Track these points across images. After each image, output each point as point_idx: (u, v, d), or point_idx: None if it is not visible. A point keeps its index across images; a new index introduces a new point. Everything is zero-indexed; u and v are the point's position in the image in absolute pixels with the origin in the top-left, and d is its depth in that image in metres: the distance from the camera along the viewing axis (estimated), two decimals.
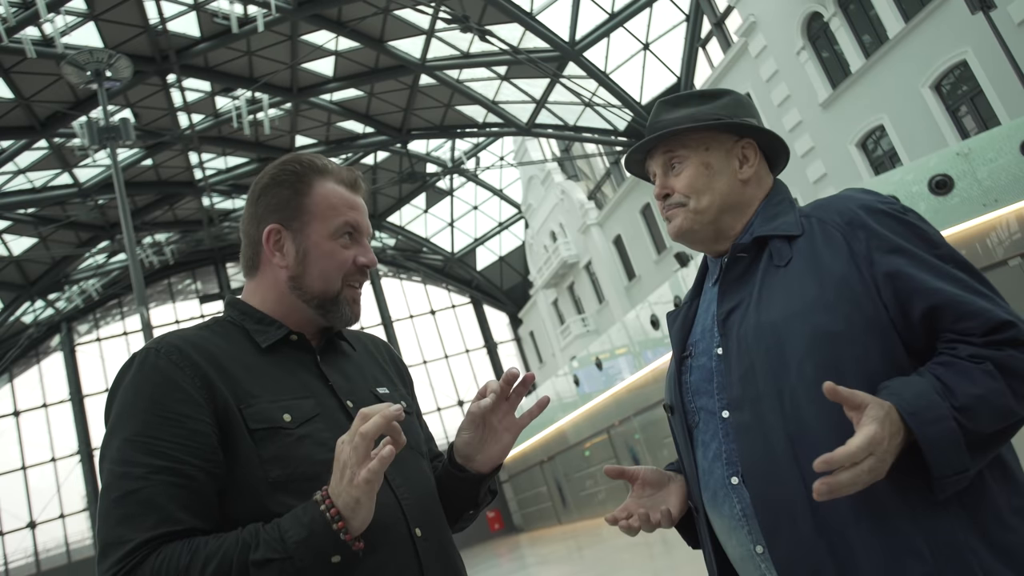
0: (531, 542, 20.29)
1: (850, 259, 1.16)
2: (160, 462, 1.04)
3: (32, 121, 18.76)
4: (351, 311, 1.31)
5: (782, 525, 1.12)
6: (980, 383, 1.04)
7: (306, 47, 19.80)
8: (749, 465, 1.16)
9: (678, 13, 19.72)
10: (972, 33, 12.11)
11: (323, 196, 1.28)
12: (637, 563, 9.19)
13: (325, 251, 1.27)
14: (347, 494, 1.02)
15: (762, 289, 1.22)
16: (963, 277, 1.13)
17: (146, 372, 1.11)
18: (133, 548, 0.99)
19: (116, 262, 27.44)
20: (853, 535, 1.07)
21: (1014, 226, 10.37)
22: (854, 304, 1.13)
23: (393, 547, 1.14)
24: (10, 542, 25.96)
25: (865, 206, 1.20)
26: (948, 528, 1.06)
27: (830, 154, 16.06)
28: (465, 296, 34.66)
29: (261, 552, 0.99)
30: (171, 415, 1.07)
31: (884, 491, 1.06)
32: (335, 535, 1.02)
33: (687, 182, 1.33)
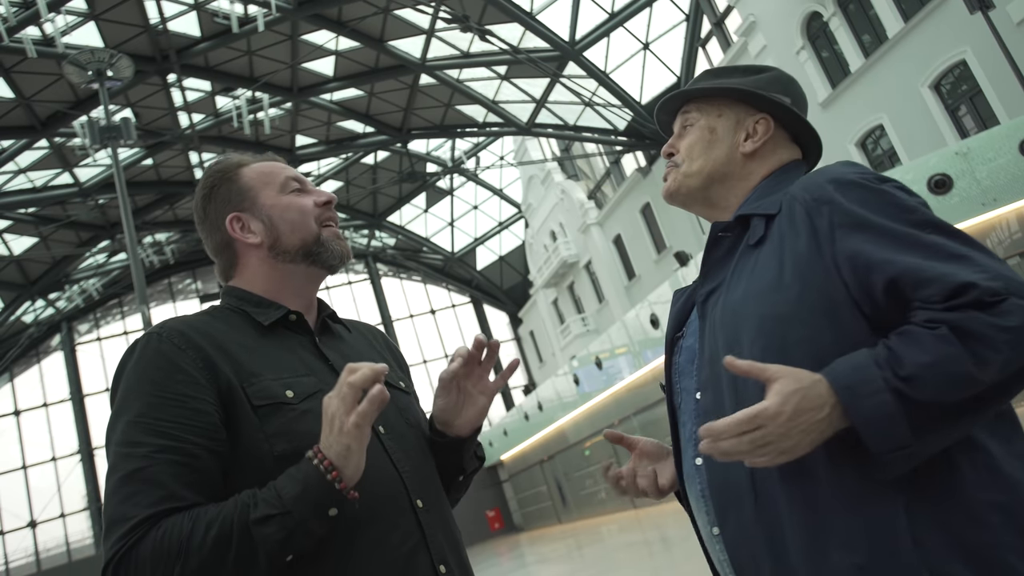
0: (531, 541, 20.31)
1: (812, 237, 1.09)
2: (163, 442, 1.06)
3: (33, 121, 18.78)
4: (339, 246, 1.35)
5: (730, 509, 1.10)
6: (931, 350, 0.94)
7: (306, 47, 19.83)
8: None
9: (678, 13, 19.75)
10: (971, 33, 12.14)
11: (254, 171, 1.36)
12: (636, 562, 9.22)
13: (284, 205, 1.33)
14: (338, 443, 1.05)
15: (735, 270, 1.19)
16: (936, 241, 1.02)
17: (149, 355, 1.14)
18: (136, 523, 1.01)
19: (116, 261, 27.47)
20: (786, 522, 1.03)
21: (1013, 225, 10.39)
22: (809, 284, 1.07)
23: (396, 517, 1.17)
24: (11, 541, 25.99)
25: (836, 179, 1.12)
26: (889, 518, 0.97)
27: (830, 153, 15.90)
28: (465, 296, 34.69)
29: (260, 510, 1.01)
30: (174, 396, 1.10)
31: (819, 476, 1.01)
32: (329, 485, 1.04)
33: (688, 144, 1.33)
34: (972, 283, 0.95)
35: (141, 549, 1.00)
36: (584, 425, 19.01)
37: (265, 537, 1.01)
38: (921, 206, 1.08)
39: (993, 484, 0.98)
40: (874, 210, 1.07)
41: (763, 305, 1.09)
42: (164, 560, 0.99)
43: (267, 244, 1.31)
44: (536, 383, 31.05)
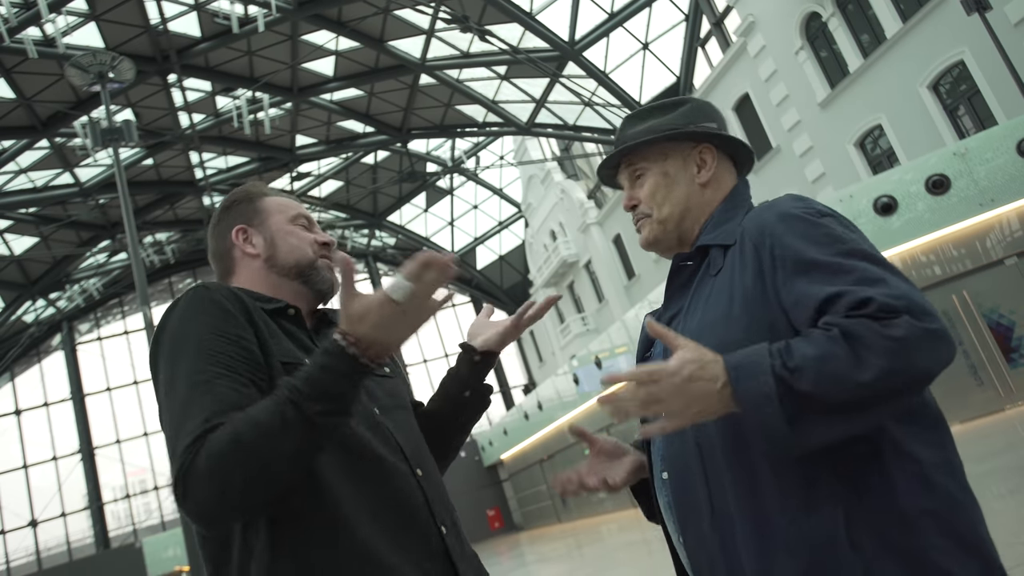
0: (531, 540, 20.36)
1: (757, 271, 1.17)
2: (223, 371, 1.16)
3: (33, 121, 18.82)
4: (331, 275, 1.45)
5: (689, 520, 1.19)
6: (819, 346, 1.01)
7: (306, 47, 19.86)
8: (670, 464, 1.24)
9: (677, 13, 19.78)
10: (969, 33, 12.17)
11: (274, 201, 1.50)
12: (635, 561, 9.26)
13: (288, 231, 1.45)
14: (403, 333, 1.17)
15: (693, 298, 1.27)
16: (860, 266, 1.09)
17: (201, 302, 1.24)
18: (197, 436, 1.08)
19: (117, 261, 27.51)
20: (738, 531, 1.11)
21: (1011, 225, 10.43)
22: (755, 317, 1.14)
23: (402, 481, 1.27)
24: (12, 540, 26.05)
25: (781, 213, 1.19)
26: (829, 526, 1.05)
27: (828, 153, 16.12)
28: (465, 295, 34.72)
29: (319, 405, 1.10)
30: (229, 335, 1.21)
31: (764, 488, 1.09)
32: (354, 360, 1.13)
33: (649, 193, 1.38)
34: (872, 298, 1.03)
35: (197, 461, 1.07)
36: (584, 424, 18.55)
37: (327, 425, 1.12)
38: (853, 238, 1.15)
39: (923, 492, 1.06)
40: (810, 241, 1.14)
41: (716, 335, 1.15)
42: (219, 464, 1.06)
43: (263, 256, 1.42)
44: (536, 382, 31.09)
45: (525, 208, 30.70)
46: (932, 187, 10.61)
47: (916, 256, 10.76)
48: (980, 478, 6.25)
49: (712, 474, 1.16)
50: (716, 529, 1.14)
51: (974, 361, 10.11)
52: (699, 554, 1.18)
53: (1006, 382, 9.94)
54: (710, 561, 1.16)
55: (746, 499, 1.11)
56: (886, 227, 10.76)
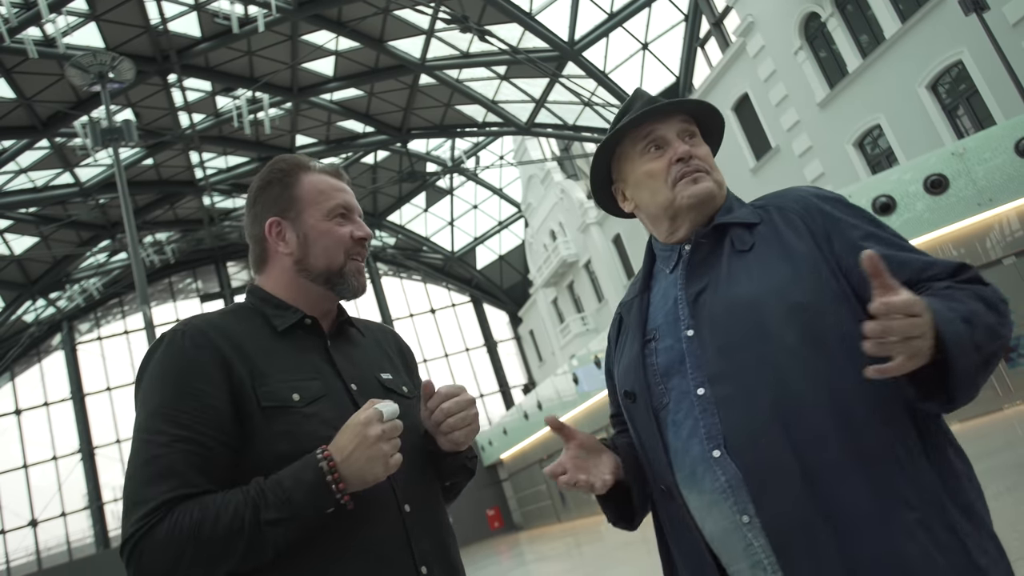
0: (530, 540, 20.38)
1: (811, 240, 1.26)
2: (182, 432, 1.17)
3: (34, 121, 18.84)
4: (357, 282, 1.43)
5: (770, 490, 1.16)
6: (968, 302, 1.11)
7: (306, 47, 19.88)
8: (733, 436, 1.20)
9: (677, 13, 19.80)
10: (968, 33, 12.19)
11: (311, 185, 1.41)
12: (634, 560, 9.27)
13: (323, 231, 1.39)
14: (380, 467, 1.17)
15: (730, 271, 1.29)
16: (910, 247, 1.25)
17: (173, 352, 1.24)
18: (155, 507, 1.12)
19: (117, 261, 27.53)
20: (843, 489, 1.12)
21: (1010, 225, 10.45)
22: (820, 278, 1.22)
23: (382, 520, 1.24)
24: (12, 540, 26.06)
25: (817, 195, 1.33)
26: (930, 480, 1.13)
27: (828, 153, 16.14)
28: (465, 295, 34.74)
29: (272, 512, 1.12)
30: (193, 391, 1.20)
31: (872, 444, 1.13)
32: (329, 488, 1.15)
33: (706, 155, 1.42)
34: (967, 265, 1.17)
35: (157, 532, 1.11)
36: (583, 424, 19.07)
37: (275, 536, 1.13)
38: (880, 221, 1.31)
39: (959, 457, 1.21)
40: (858, 218, 1.29)
41: (787, 297, 1.22)
42: (176, 543, 1.10)
43: (296, 257, 1.38)
44: (536, 382, 31.11)
45: (525, 208, 30.72)
46: (930, 187, 10.63)
47: None
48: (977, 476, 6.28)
49: (798, 433, 1.15)
50: (814, 492, 1.13)
51: None
52: (789, 524, 1.14)
53: (1004, 382, 9.96)
54: (806, 528, 1.13)
55: (855, 457, 1.14)
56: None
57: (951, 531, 1.10)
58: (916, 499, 1.11)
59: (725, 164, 19.72)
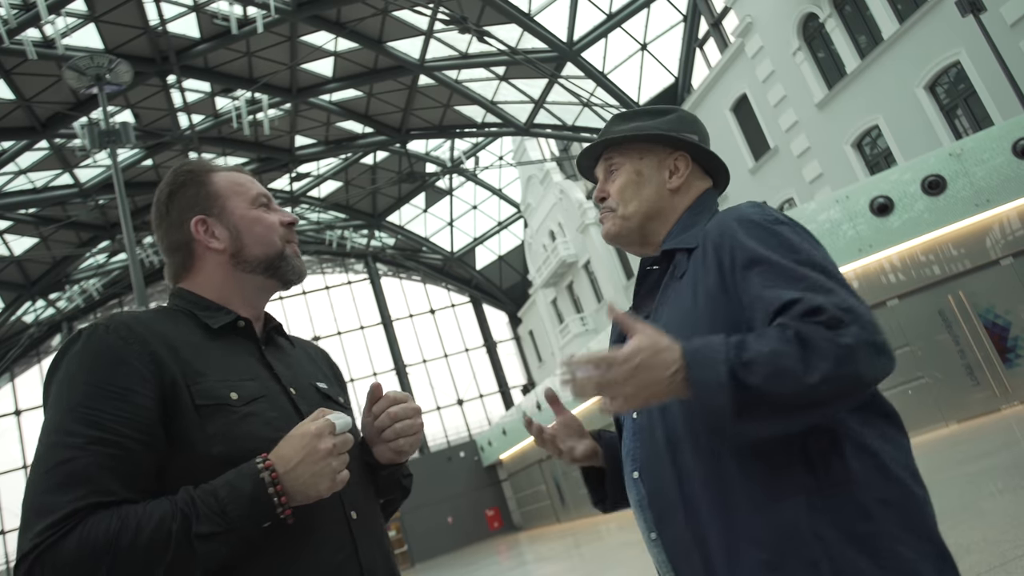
0: (530, 540, 20.38)
1: (718, 272, 1.23)
2: (98, 433, 1.05)
3: (33, 122, 18.85)
4: (299, 263, 1.38)
5: (665, 516, 1.23)
6: (771, 342, 1.06)
7: (305, 48, 19.90)
8: (643, 462, 1.28)
9: (675, 14, 19.82)
10: (965, 34, 12.20)
11: (225, 179, 1.38)
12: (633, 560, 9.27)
13: (252, 219, 1.34)
14: (326, 482, 1.10)
15: (660, 301, 1.33)
16: (811, 276, 1.15)
17: (92, 346, 1.13)
18: (62, 517, 0.98)
19: (116, 262, 27.54)
20: (708, 523, 1.16)
21: (1007, 226, 10.46)
22: (720, 314, 1.20)
23: (330, 527, 1.19)
24: (12, 540, 26.08)
25: (740, 218, 1.25)
26: (791, 516, 1.10)
27: (826, 154, 16.15)
28: (464, 295, 34.75)
29: (204, 525, 1.01)
30: (115, 389, 1.08)
31: (731, 481, 1.15)
32: (270, 501, 1.06)
33: (619, 187, 1.43)
34: (823, 307, 1.08)
35: (64, 545, 0.97)
36: (584, 423, 19.06)
37: (208, 552, 1.01)
38: (806, 248, 1.20)
39: (881, 483, 1.12)
40: (766, 246, 1.20)
41: (682, 334, 1.17)
42: (89, 558, 0.97)
43: (230, 251, 1.32)
44: (535, 382, 31.13)
45: (524, 208, 30.73)
46: (928, 187, 10.65)
47: (913, 256, 10.79)
48: (974, 477, 6.28)
49: (683, 470, 1.20)
50: (689, 524, 1.18)
51: (970, 361, 10.14)
52: (676, 549, 1.22)
53: (1002, 382, 9.97)
54: (686, 555, 1.20)
55: (714, 493, 1.16)
56: (884, 227, 10.80)
57: (811, 569, 1.08)
58: (769, 540, 1.10)
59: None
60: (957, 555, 1.17)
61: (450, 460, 28.82)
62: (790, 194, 17.51)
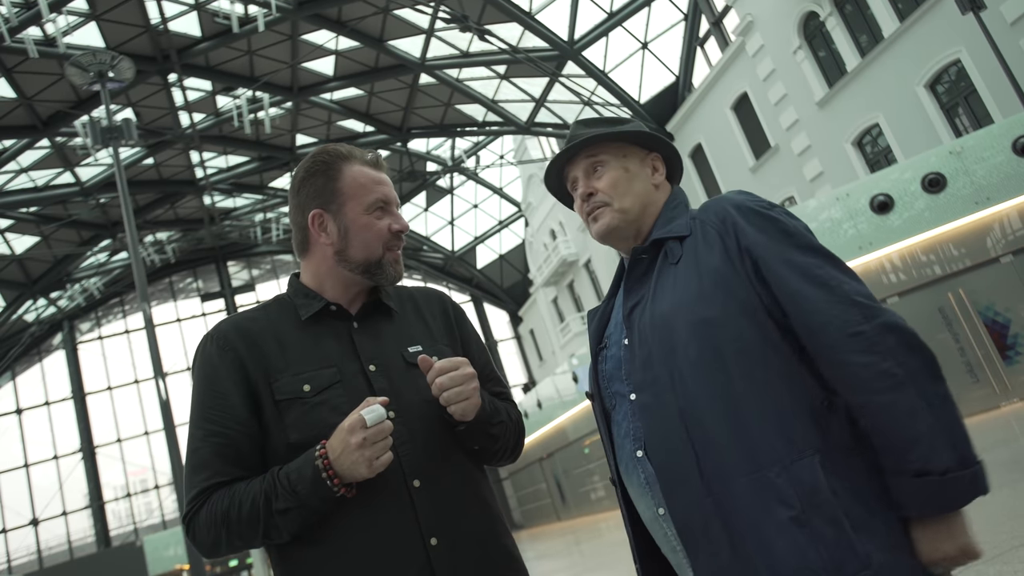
0: (530, 538, 20.41)
1: (724, 254, 1.32)
2: (212, 427, 1.36)
3: (34, 120, 18.87)
4: (394, 270, 1.50)
5: (677, 489, 1.28)
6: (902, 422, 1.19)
7: (306, 46, 19.90)
8: (649, 439, 1.32)
9: (676, 12, 19.83)
10: (966, 33, 12.21)
11: (353, 178, 1.48)
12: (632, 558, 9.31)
13: (362, 225, 1.46)
14: (364, 469, 1.27)
15: (657, 285, 1.38)
16: (812, 264, 1.27)
17: (204, 357, 1.43)
18: (197, 493, 1.33)
19: (117, 260, 27.57)
20: (732, 490, 1.22)
21: (1007, 224, 10.47)
22: (728, 293, 1.29)
23: (388, 498, 1.33)
24: (13, 539, 26.12)
25: (736, 205, 1.36)
26: (811, 475, 1.19)
27: (826, 152, 16.16)
28: (465, 294, 34.77)
29: (281, 502, 1.28)
30: (218, 391, 1.38)
31: (758, 444, 1.22)
32: (331, 489, 1.28)
33: (610, 183, 1.48)
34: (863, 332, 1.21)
35: (200, 515, 1.32)
36: (583, 423, 19.10)
37: (286, 522, 1.29)
38: (801, 231, 1.33)
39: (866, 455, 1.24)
40: (767, 232, 1.32)
41: (692, 312, 1.30)
42: (213, 526, 1.31)
43: (336, 248, 1.46)
44: (536, 381, 31.14)
45: (525, 207, 30.74)
46: (928, 186, 10.66)
47: (913, 254, 10.81)
48: None
49: (699, 441, 1.26)
50: (709, 492, 1.24)
51: (970, 359, 10.15)
52: (691, 520, 1.26)
53: (1002, 379, 9.98)
54: (704, 524, 1.25)
55: (740, 458, 1.23)
56: (884, 225, 10.81)
57: (834, 522, 1.17)
58: (795, 497, 1.18)
59: (724, 164, 19.76)
60: None
61: None
62: (791, 192, 17.52)
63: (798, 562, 1.17)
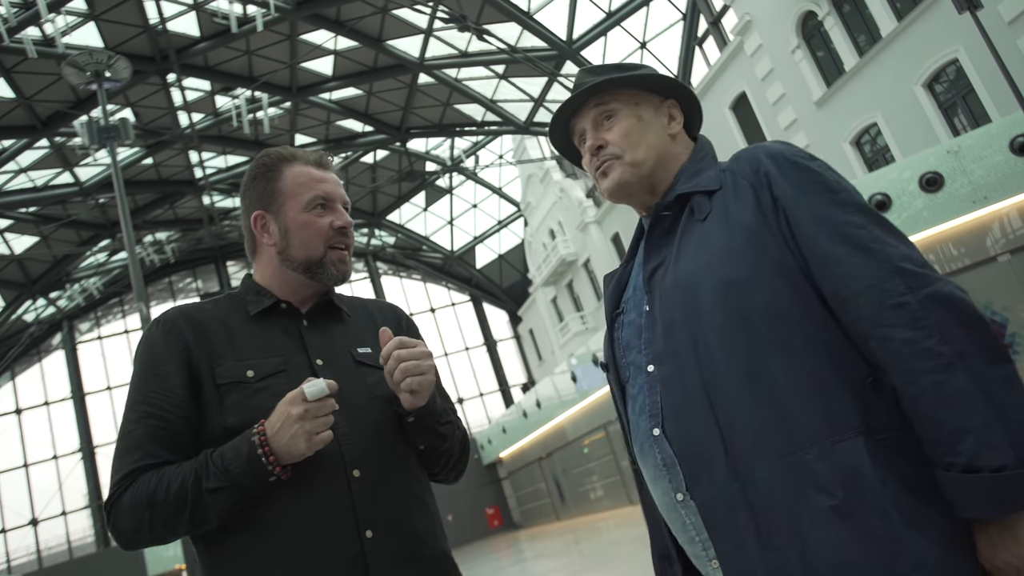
0: (529, 538, 20.41)
1: (757, 208, 1.18)
2: (149, 409, 1.33)
3: (33, 120, 18.88)
4: (338, 270, 1.47)
5: (701, 471, 1.14)
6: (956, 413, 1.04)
7: (305, 46, 19.91)
8: (670, 416, 1.19)
9: (675, 12, 19.83)
10: (963, 32, 12.21)
11: (292, 178, 1.47)
12: (631, 556, 9.31)
13: (301, 223, 1.45)
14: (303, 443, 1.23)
15: (681, 244, 1.25)
16: (852, 223, 1.14)
17: (148, 340, 1.41)
18: (124, 475, 1.28)
19: (117, 260, 27.57)
20: (763, 474, 1.09)
21: (1005, 223, 10.48)
22: (761, 251, 1.15)
23: (325, 484, 1.29)
24: (12, 539, 26.12)
25: (772, 154, 1.22)
26: (854, 461, 1.05)
27: (825, 152, 16.16)
28: (465, 294, 34.77)
29: (212, 482, 1.23)
30: (159, 373, 1.35)
31: (793, 427, 1.09)
32: (265, 467, 1.24)
33: (622, 134, 1.34)
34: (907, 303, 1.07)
35: (124, 498, 1.27)
36: (582, 423, 19.11)
37: (216, 503, 1.24)
38: (843, 186, 1.19)
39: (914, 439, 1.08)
40: (805, 187, 1.17)
41: (719, 273, 1.16)
42: (137, 509, 1.25)
43: (278, 248, 1.47)
44: (535, 381, 31.15)
45: (524, 207, 30.74)
46: (925, 185, 10.67)
47: None
48: None
49: (724, 418, 1.13)
50: (736, 476, 1.11)
51: None
52: (714, 504, 1.14)
53: None
54: (728, 507, 1.12)
55: (775, 438, 1.09)
56: None
57: (882, 515, 1.03)
58: (837, 484, 1.05)
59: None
60: None
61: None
62: None
63: (838, 557, 1.03)
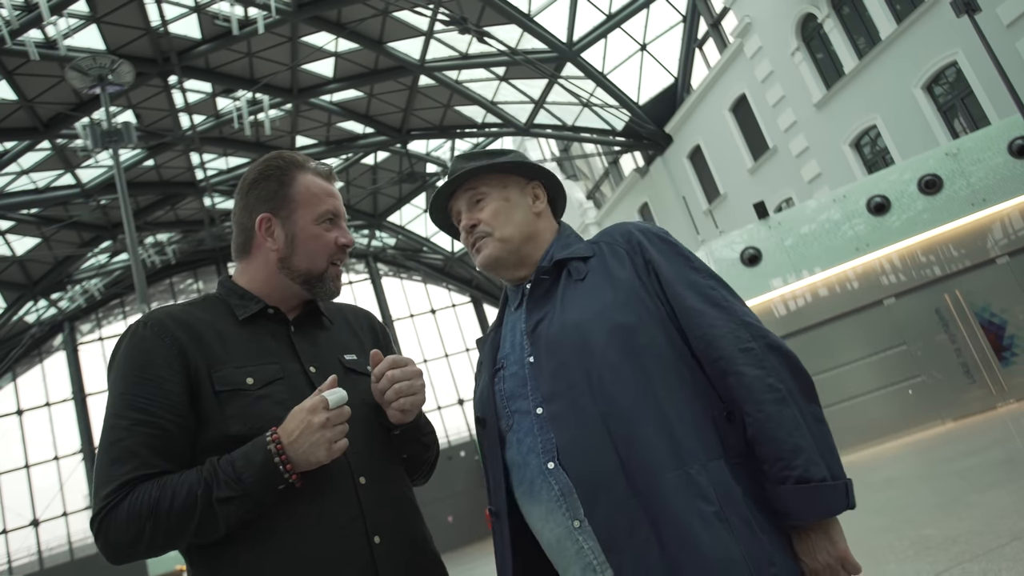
0: None
1: (633, 269, 1.41)
2: (141, 416, 1.26)
3: (35, 122, 18.91)
4: (334, 286, 1.49)
5: (599, 494, 1.27)
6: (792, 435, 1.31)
7: (306, 48, 19.94)
8: (565, 448, 1.32)
9: (675, 14, 19.86)
10: (962, 35, 12.25)
11: (305, 187, 1.47)
12: None
13: (312, 234, 1.45)
14: (323, 451, 1.24)
15: (564, 300, 1.43)
16: (707, 286, 1.39)
17: (135, 342, 1.33)
18: (117, 487, 1.22)
19: (118, 262, 27.60)
20: (659, 488, 1.24)
21: (1003, 225, 10.51)
22: (641, 302, 1.37)
23: (338, 491, 1.31)
24: (13, 540, 26.14)
25: (640, 230, 1.48)
26: (723, 476, 1.26)
27: (824, 154, 16.20)
28: (465, 295, 34.80)
29: (223, 491, 1.20)
30: (152, 378, 1.28)
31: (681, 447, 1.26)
32: (277, 469, 1.23)
33: (491, 214, 1.53)
34: (752, 349, 1.32)
35: (119, 510, 1.20)
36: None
37: (227, 513, 1.21)
38: (696, 256, 1.46)
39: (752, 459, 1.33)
40: (668, 255, 1.44)
41: (610, 319, 1.36)
42: (136, 520, 1.20)
43: (281, 255, 1.45)
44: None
45: None
46: (924, 187, 10.70)
47: (910, 255, 10.85)
48: (965, 473, 6.35)
49: (622, 439, 1.28)
50: (635, 491, 1.25)
51: (966, 360, 10.19)
52: (616, 523, 1.25)
53: (998, 380, 10.02)
54: (630, 525, 1.24)
55: (667, 453, 1.26)
56: (881, 226, 10.85)
57: (746, 522, 1.23)
58: (715, 495, 1.23)
59: (722, 165, 19.79)
60: (943, 546, 1.29)
61: (450, 459, 28.86)
62: (789, 194, 17.56)
63: (722, 554, 1.20)
